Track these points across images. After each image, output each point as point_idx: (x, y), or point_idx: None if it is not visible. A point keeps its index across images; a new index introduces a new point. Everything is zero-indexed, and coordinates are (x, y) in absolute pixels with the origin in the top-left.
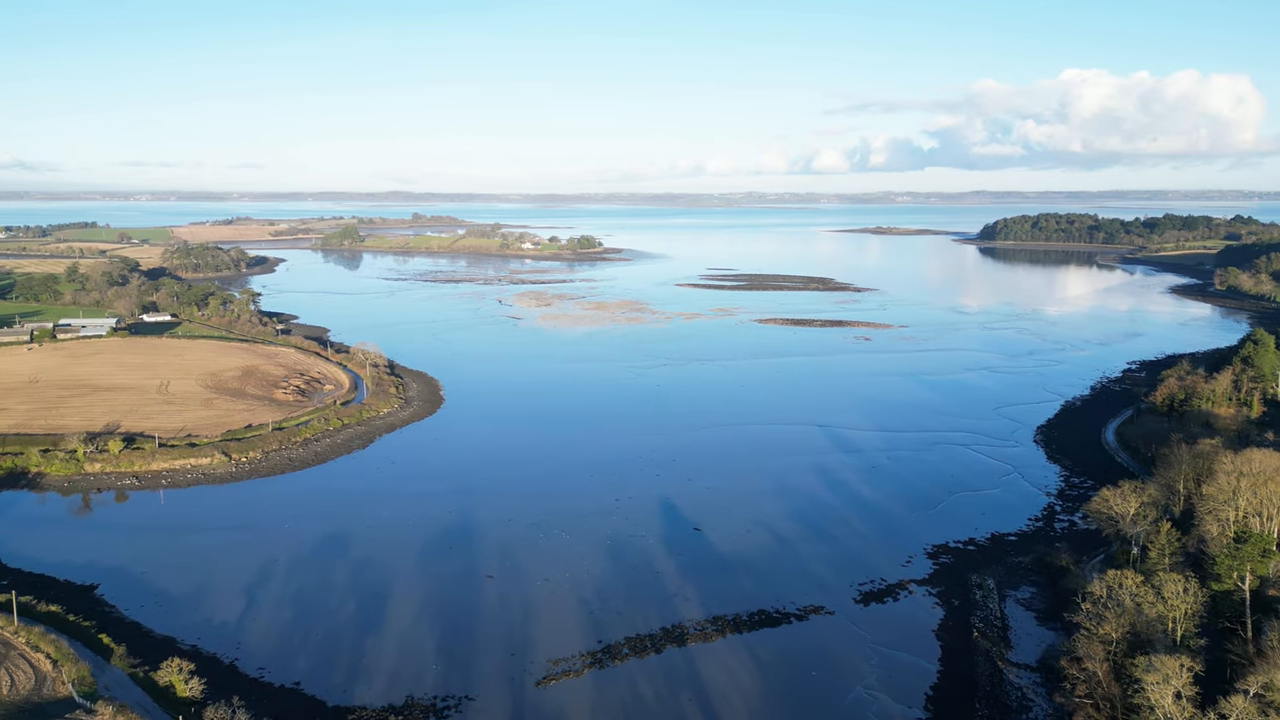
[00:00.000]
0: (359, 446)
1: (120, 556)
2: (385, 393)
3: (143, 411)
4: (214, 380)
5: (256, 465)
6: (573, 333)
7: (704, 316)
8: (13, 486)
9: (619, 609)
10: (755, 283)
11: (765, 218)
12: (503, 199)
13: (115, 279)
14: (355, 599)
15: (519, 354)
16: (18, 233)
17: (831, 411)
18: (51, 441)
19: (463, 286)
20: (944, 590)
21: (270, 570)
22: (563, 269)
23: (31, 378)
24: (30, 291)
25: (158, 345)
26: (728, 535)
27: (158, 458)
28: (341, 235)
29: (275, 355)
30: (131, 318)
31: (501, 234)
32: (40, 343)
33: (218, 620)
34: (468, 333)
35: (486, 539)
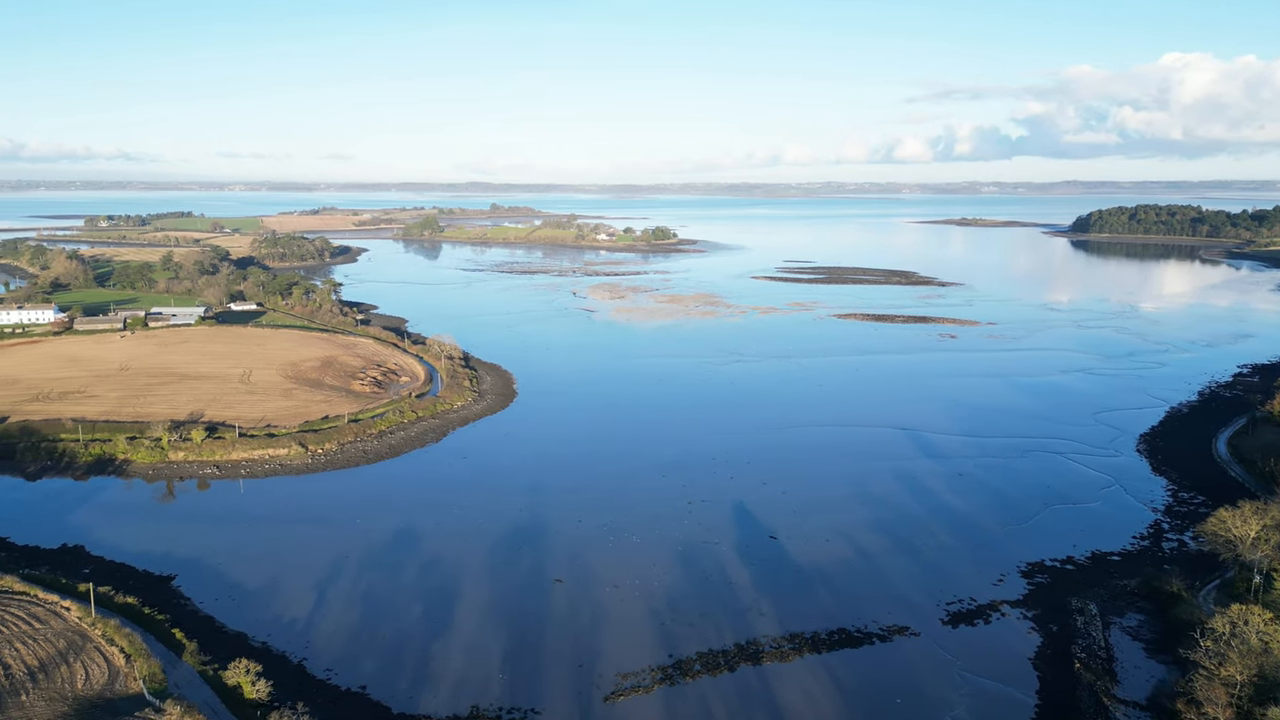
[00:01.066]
0: (432, 440)
1: (198, 547)
2: (459, 385)
3: (225, 401)
4: (294, 370)
5: (332, 457)
6: (646, 326)
7: (780, 311)
8: (101, 473)
9: (691, 621)
10: (834, 276)
11: (844, 208)
12: (579, 189)
13: (206, 268)
14: (423, 599)
15: (591, 347)
16: (119, 221)
17: (915, 414)
18: (138, 429)
19: (538, 278)
20: (1040, 614)
21: (341, 566)
22: (637, 260)
23: (122, 365)
24: (127, 279)
25: (242, 334)
26: (805, 545)
27: (238, 447)
28: (422, 226)
29: (354, 346)
30: (219, 306)
31: (577, 225)
32: (132, 330)
33: (288, 617)
34: (541, 325)
35: (556, 540)
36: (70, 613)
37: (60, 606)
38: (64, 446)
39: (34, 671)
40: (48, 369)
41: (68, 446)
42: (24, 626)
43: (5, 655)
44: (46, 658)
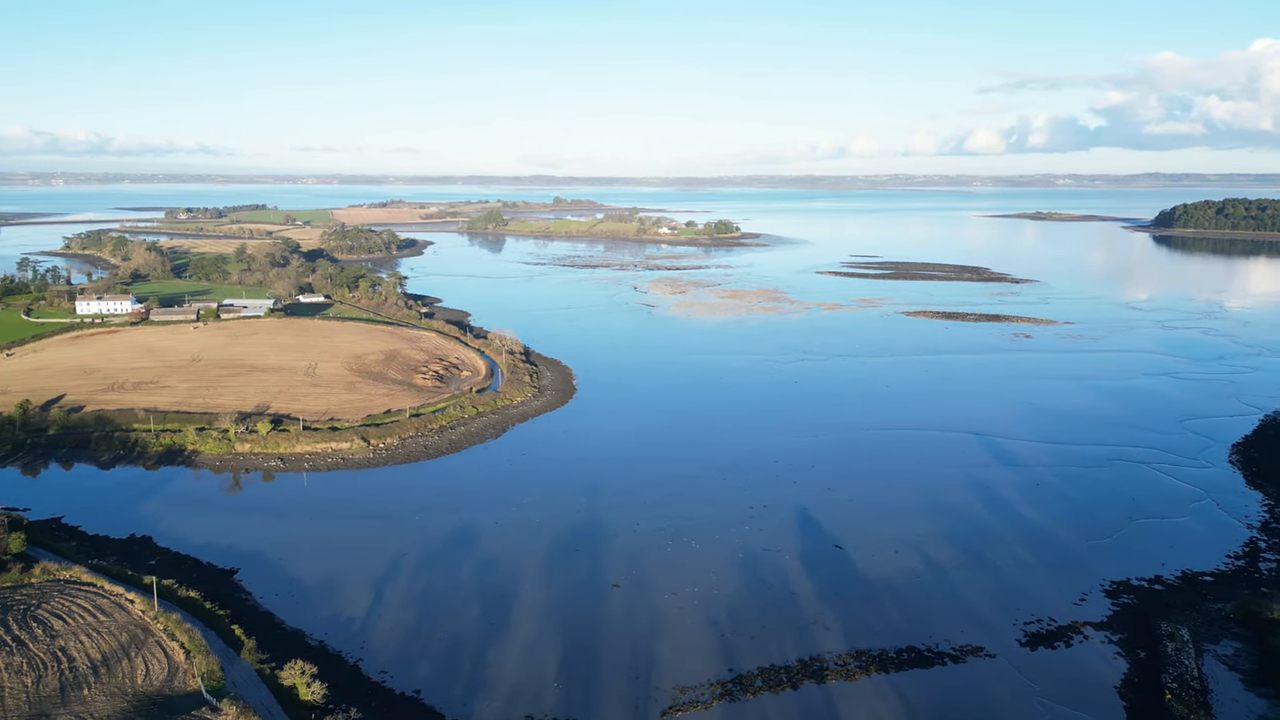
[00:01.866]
0: (491, 436)
1: (261, 541)
2: (519, 381)
3: (291, 393)
4: (358, 364)
5: (393, 451)
6: (707, 322)
7: (846, 307)
8: (171, 463)
9: (752, 634)
10: (902, 271)
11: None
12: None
13: (277, 260)
14: (480, 601)
15: (652, 343)
16: (197, 214)
17: (989, 418)
18: (207, 420)
19: (599, 272)
20: (1127, 638)
21: (399, 564)
22: (699, 254)
23: (194, 356)
24: (202, 271)
25: (309, 327)
26: (872, 555)
27: (302, 440)
28: (486, 219)
29: (417, 339)
30: (289, 298)
31: (639, 218)
32: (205, 322)
33: (346, 615)
34: (602, 319)
35: (614, 543)
36: (134, 606)
37: (125, 599)
38: (136, 436)
39: (96, 665)
40: (124, 359)
41: (140, 436)
42: (89, 619)
43: (70, 648)
44: (109, 651)
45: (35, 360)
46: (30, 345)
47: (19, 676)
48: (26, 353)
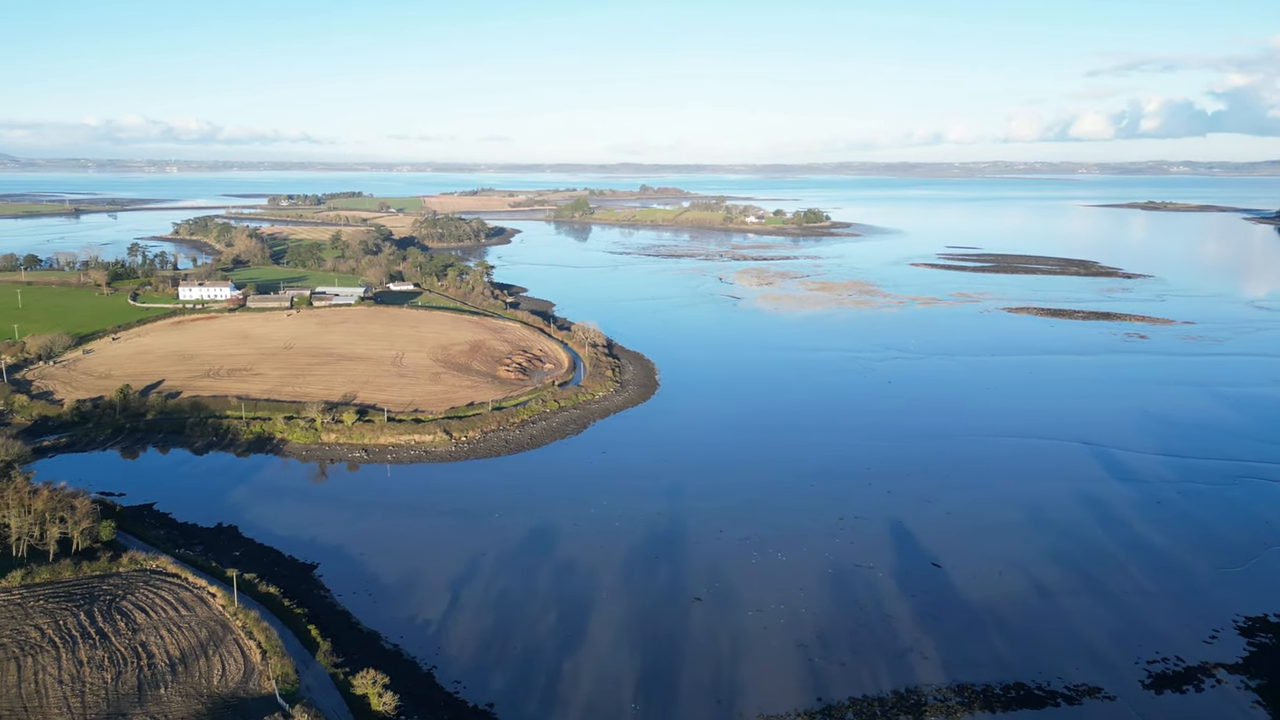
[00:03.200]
0: (573, 432)
1: (342, 535)
2: (602, 375)
3: (377, 383)
4: (444, 354)
5: (474, 445)
6: (795, 316)
7: (943, 302)
8: (260, 450)
9: (842, 659)
10: (1002, 264)
11: (1012, 190)
12: (729, 169)
13: (370, 248)
14: (556, 610)
15: (737, 337)
16: (297, 200)
17: (1101, 426)
18: (295, 409)
19: (684, 262)
20: (1268, 684)
21: (477, 565)
22: (786, 244)
23: (286, 344)
24: (298, 258)
25: (398, 316)
26: (974, 577)
27: (386, 432)
28: (573, 208)
29: (502, 330)
30: (379, 286)
31: (725, 207)
32: (298, 309)
33: (422, 618)
34: (686, 312)
35: (696, 552)
36: (215, 600)
37: (207, 592)
38: (228, 424)
39: (175, 662)
40: (220, 345)
41: (231, 424)
42: (171, 613)
43: (151, 643)
44: (188, 648)
45: (138, 344)
46: (135, 329)
47: (100, 672)
48: (131, 337)
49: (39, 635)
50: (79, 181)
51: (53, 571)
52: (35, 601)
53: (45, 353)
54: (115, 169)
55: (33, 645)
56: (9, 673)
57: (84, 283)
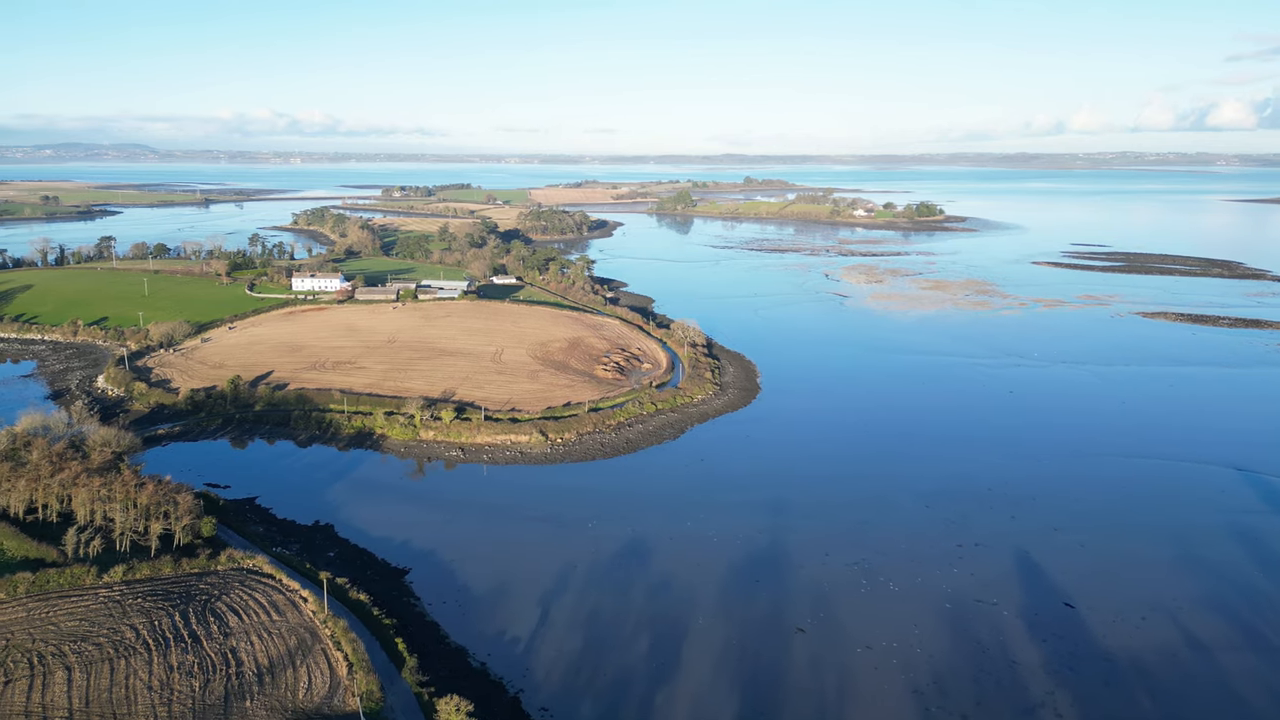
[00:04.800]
0: (670, 437)
1: (435, 539)
2: (701, 376)
3: (476, 380)
4: (542, 351)
5: (570, 448)
6: (906, 316)
7: (1068, 305)
8: (360, 445)
9: (963, 710)
10: (1133, 264)
11: (1143, 182)
12: (836, 160)
13: (475, 240)
14: (650, 632)
15: (844, 338)
16: (409, 192)
17: (1256, 449)
18: (396, 404)
19: (788, 257)
20: None
21: (569, 578)
22: (897, 239)
23: (390, 337)
24: (407, 249)
25: (499, 311)
26: (1114, 621)
27: (483, 431)
28: (675, 200)
29: (600, 327)
30: (483, 279)
31: (832, 200)
32: (403, 302)
33: (510, 635)
34: (790, 309)
35: (799, 576)
36: (306, 605)
37: (299, 596)
38: (330, 417)
39: (262, 672)
40: (328, 337)
41: (334, 418)
42: (263, 616)
43: (241, 649)
44: (276, 657)
45: (252, 335)
46: (250, 319)
47: (188, 679)
48: (246, 326)
49: (133, 636)
50: (210, 172)
51: (153, 568)
52: (133, 599)
53: (166, 341)
54: (244, 160)
55: (127, 646)
56: (102, 675)
57: (205, 272)
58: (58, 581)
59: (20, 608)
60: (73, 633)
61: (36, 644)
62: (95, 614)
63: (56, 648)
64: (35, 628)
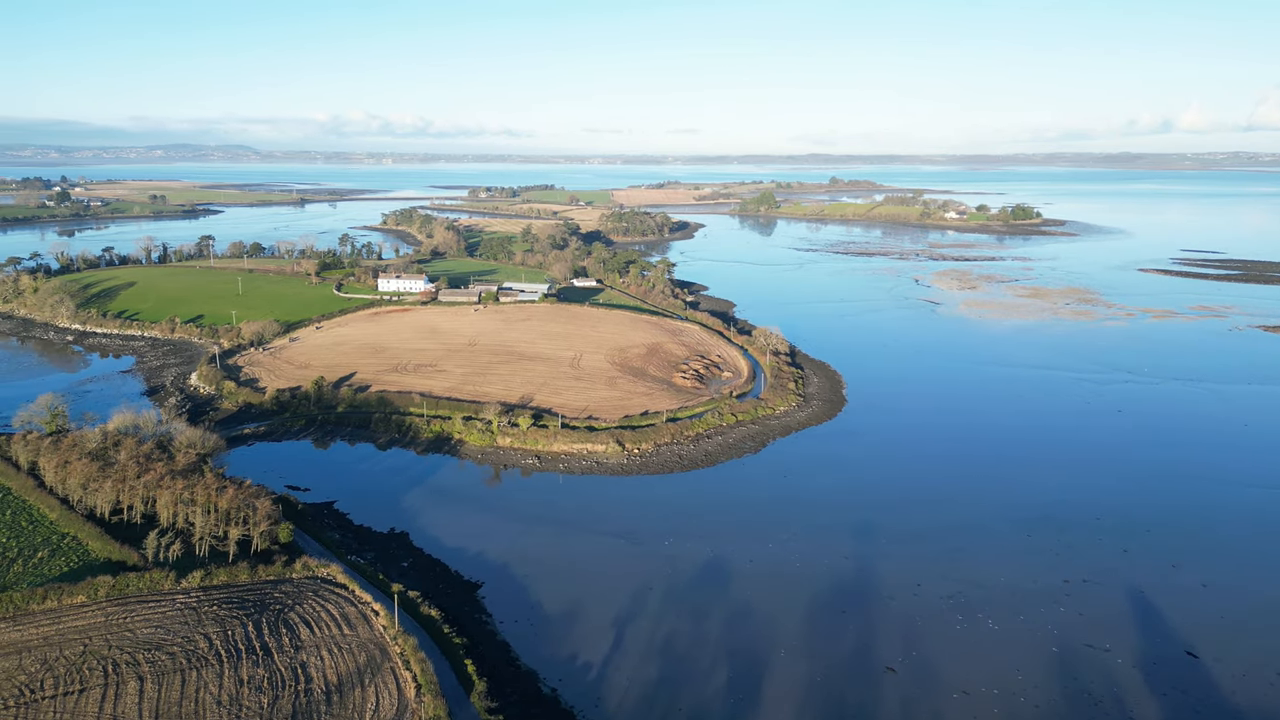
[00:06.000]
0: (750, 450)
1: (509, 552)
2: (784, 387)
3: (553, 385)
4: (621, 357)
5: (647, 459)
6: (1002, 326)
7: (1180, 316)
8: (438, 450)
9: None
10: (1252, 272)
11: (1258, 185)
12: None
13: (557, 242)
14: (728, 665)
15: (935, 348)
16: (495, 193)
17: None
18: (474, 409)
19: (876, 260)
20: None
21: (644, 599)
22: (991, 243)
23: (470, 340)
24: (491, 250)
25: (578, 314)
26: (1243, 676)
27: (559, 439)
28: (758, 201)
29: (680, 333)
30: (564, 281)
31: (922, 201)
32: (485, 304)
33: (582, 659)
34: (877, 316)
35: (888, 609)
36: (378, 619)
37: (371, 609)
38: (410, 421)
39: (331, 690)
40: (410, 339)
41: (413, 421)
42: (334, 630)
43: (311, 665)
44: (345, 674)
45: (338, 335)
46: (337, 320)
47: (258, 694)
48: (333, 327)
49: (206, 646)
50: (307, 172)
51: (230, 574)
52: (209, 607)
53: (257, 339)
54: (339, 160)
55: (199, 657)
56: (173, 686)
57: (296, 272)
58: (137, 586)
59: (100, 612)
60: (148, 640)
61: (112, 651)
62: (171, 621)
63: (131, 656)
64: (113, 633)
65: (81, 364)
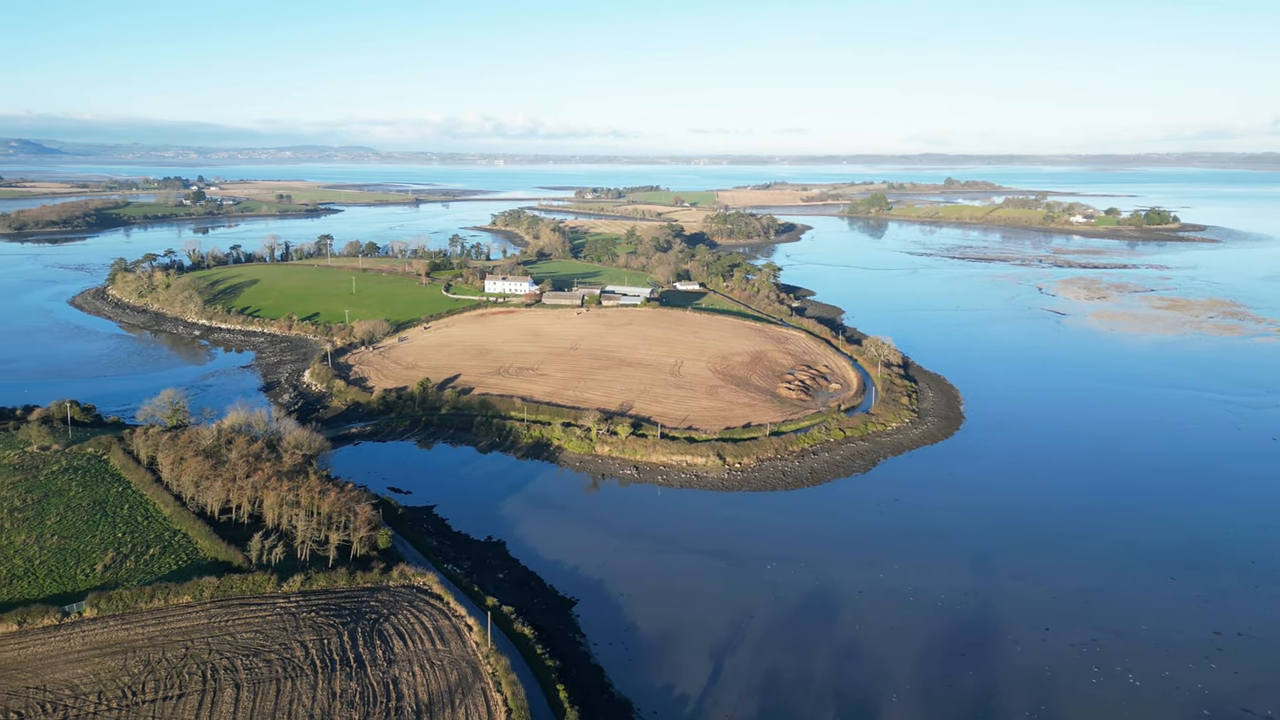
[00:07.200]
0: (859, 469)
1: (605, 567)
2: (896, 401)
3: (653, 393)
4: (722, 365)
5: (748, 475)
6: (1137, 341)
7: None
8: (537, 456)
9: None
10: None
11: None
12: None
13: (660, 244)
14: (835, 709)
15: (1062, 363)
16: (600, 194)
17: None
18: (574, 415)
19: (995, 266)
20: None
21: (744, 628)
22: (1122, 250)
23: (573, 344)
24: (595, 252)
25: (680, 319)
26: None
27: (658, 450)
28: (869, 203)
29: (785, 341)
30: (666, 285)
31: (1046, 204)
32: (587, 308)
33: (679, 690)
34: (998, 327)
35: (1012, 655)
36: (471, 635)
37: (464, 624)
38: (510, 425)
39: (421, 710)
40: (513, 341)
41: (513, 426)
42: (427, 644)
43: (403, 680)
44: (436, 693)
45: (444, 336)
46: (444, 320)
47: (349, 710)
48: (440, 327)
49: (302, 655)
50: (422, 173)
51: (329, 579)
52: (307, 613)
53: (367, 338)
54: (453, 161)
55: (295, 666)
56: (267, 696)
57: (407, 272)
58: (240, 588)
59: (204, 613)
60: (247, 646)
61: (212, 655)
62: (270, 626)
63: (230, 661)
64: (214, 637)
65: (207, 358)
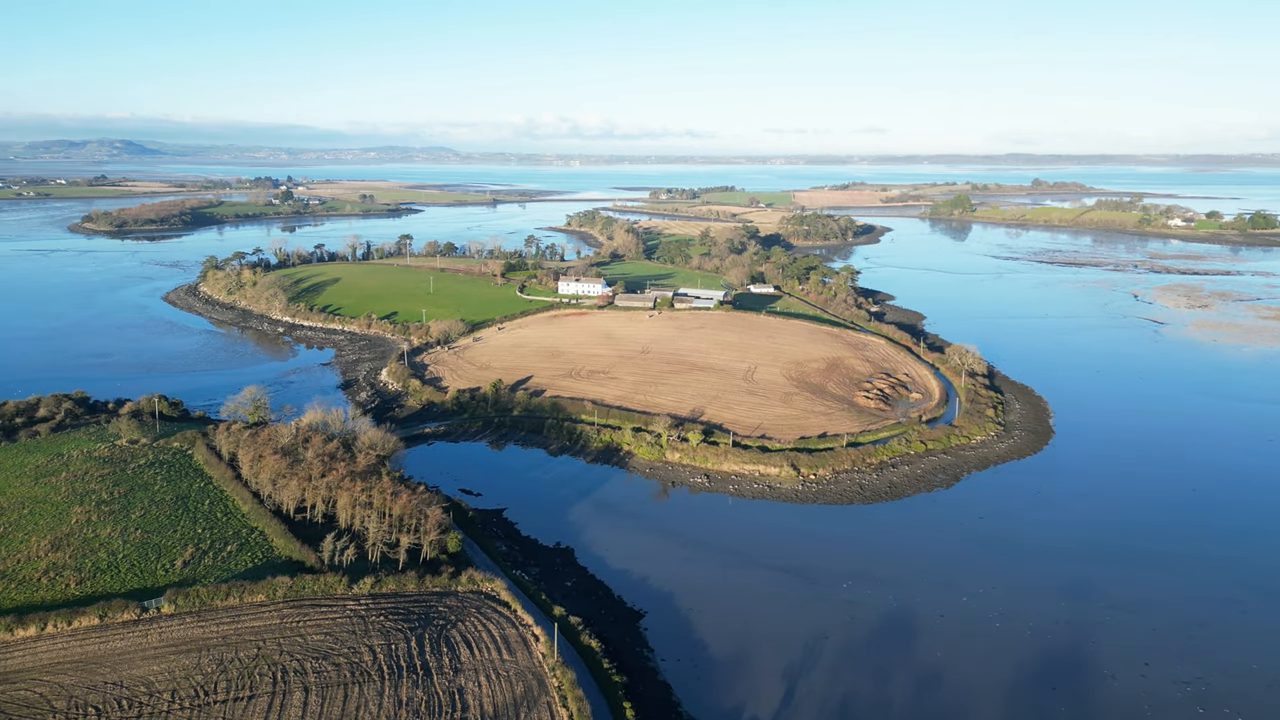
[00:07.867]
0: (941, 484)
1: (674, 580)
2: (980, 413)
3: (725, 399)
4: (797, 371)
5: (824, 487)
6: (1243, 352)
7: None
8: (607, 461)
9: None
10: None
11: None
12: (1142, 160)
13: (735, 246)
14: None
15: (1160, 375)
16: (675, 194)
17: None
18: (644, 419)
19: (1086, 272)
20: None
21: (819, 650)
22: (1224, 255)
23: (644, 348)
24: (668, 253)
25: (754, 324)
26: None
27: (730, 458)
28: (952, 204)
29: (863, 347)
30: (740, 287)
31: (1141, 206)
32: (659, 310)
33: (749, 713)
34: (1089, 335)
35: (1109, 691)
36: (537, 645)
37: (531, 634)
38: (581, 429)
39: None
40: (586, 344)
41: (584, 430)
42: (494, 654)
43: (468, 690)
44: (501, 705)
45: (518, 336)
46: (518, 321)
47: (415, 718)
48: (514, 328)
49: (370, 659)
50: (500, 174)
51: (398, 583)
52: (376, 616)
53: (443, 338)
54: (530, 162)
55: (362, 671)
56: (335, 701)
57: (483, 272)
58: (312, 589)
59: (276, 614)
60: (316, 648)
61: (283, 656)
62: (340, 628)
63: (300, 664)
64: (285, 637)
65: (290, 354)
